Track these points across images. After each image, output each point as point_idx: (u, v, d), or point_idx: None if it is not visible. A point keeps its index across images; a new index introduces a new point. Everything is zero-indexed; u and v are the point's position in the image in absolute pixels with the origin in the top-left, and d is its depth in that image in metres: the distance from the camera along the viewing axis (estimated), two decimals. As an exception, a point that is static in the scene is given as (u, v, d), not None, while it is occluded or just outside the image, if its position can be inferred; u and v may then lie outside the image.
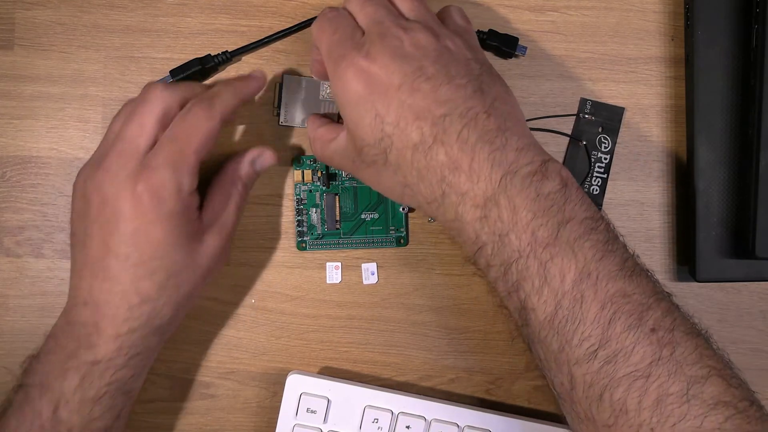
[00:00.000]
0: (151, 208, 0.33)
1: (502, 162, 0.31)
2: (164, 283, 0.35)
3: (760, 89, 0.39)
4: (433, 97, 0.32)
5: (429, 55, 0.33)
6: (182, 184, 0.34)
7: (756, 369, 0.43)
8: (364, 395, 0.41)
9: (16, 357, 0.43)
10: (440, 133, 0.32)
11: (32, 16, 0.42)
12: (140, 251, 0.34)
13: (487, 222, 0.31)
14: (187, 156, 0.34)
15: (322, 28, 0.36)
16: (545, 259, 0.30)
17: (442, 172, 0.32)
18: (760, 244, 0.39)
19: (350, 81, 0.33)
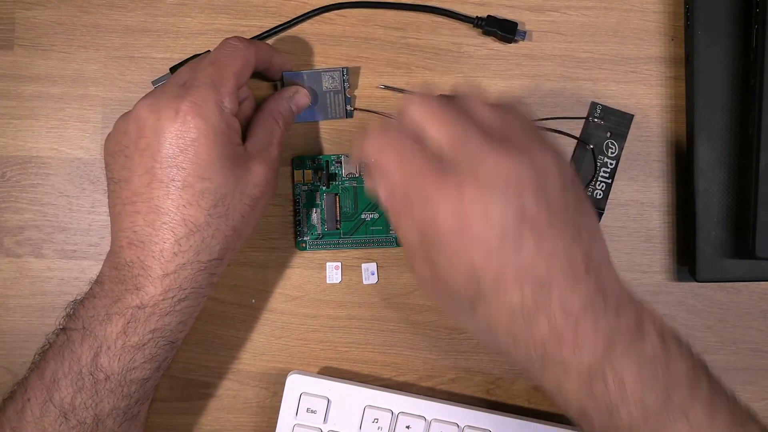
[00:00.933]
0: (195, 126, 0.33)
1: (604, 328, 0.29)
2: (212, 210, 0.33)
3: (760, 89, 0.39)
4: (536, 251, 0.28)
5: (529, 186, 0.29)
6: (223, 101, 0.34)
7: (756, 369, 0.43)
8: (364, 395, 0.41)
9: (16, 357, 0.43)
10: (542, 299, 0.28)
11: (32, 16, 0.42)
12: (186, 172, 0.33)
13: (593, 395, 0.29)
14: (226, 77, 0.34)
15: (384, 151, 0.31)
16: (658, 428, 0.29)
17: (543, 343, 0.29)
18: (760, 244, 0.39)
19: (440, 223, 0.29)
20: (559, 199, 0.29)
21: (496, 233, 0.28)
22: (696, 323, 0.43)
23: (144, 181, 0.33)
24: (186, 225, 0.33)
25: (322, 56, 0.43)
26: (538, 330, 0.29)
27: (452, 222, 0.29)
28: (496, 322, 0.30)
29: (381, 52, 0.43)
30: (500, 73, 0.43)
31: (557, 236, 0.29)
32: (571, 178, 0.31)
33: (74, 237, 0.43)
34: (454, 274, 0.30)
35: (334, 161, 0.42)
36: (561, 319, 0.28)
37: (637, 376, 0.28)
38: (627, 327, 0.29)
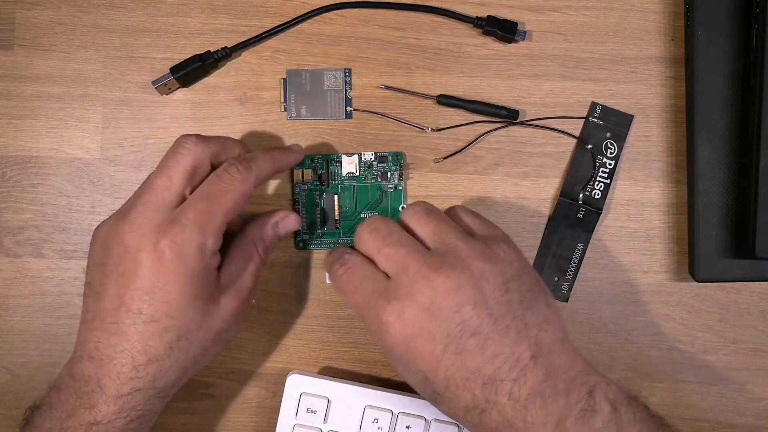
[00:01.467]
0: (172, 265, 0.32)
1: (553, 411, 0.31)
2: (174, 344, 0.33)
3: (760, 89, 0.39)
4: (481, 356, 0.31)
5: (468, 298, 0.32)
6: (206, 244, 0.33)
7: (756, 369, 0.43)
8: (364, 395, 0.41)
9: (16, 357, 0.43)
10: (492, 395, 0.31)
11: (32, 16, 0.42)
12: (154, 308, 0.33)
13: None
14: (216, 216, 0.34)
15: (340, 285, 0.35)
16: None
17: (499, 430, 0.31)
18: (760, 244, 0.39)
19: (391, 346, 0.32)
20: (501, 302, 0.32)
21: (438, 346, 0.31)
22: (696, 323, 0.43)
23: (114, 304, 0.33)
24: (146, 354, 0.33)
25: (322, 56, 0.43)
26: (490, 419, 0.31)
27: (399, 341, 0.32)
28: (454, 414, 0.33)
29: (381, 52, 0.43)
30: (500, 73, 0.43)
31: (501, 337, 0.31)
32: (511, 279, 0.33)
33: (74, 237, 0.43)
34: (412, 380, 0.34)
35: (334, 161, 0.42)
36: (510, 410, 0.31)
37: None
38: (577, 404, 0.31)
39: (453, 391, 0.32)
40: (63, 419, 0.33)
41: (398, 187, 0.42)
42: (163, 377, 0.34)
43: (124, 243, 0.33)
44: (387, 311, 0.32)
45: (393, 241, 0.34)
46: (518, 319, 0.32)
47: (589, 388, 0.31)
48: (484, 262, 0.33)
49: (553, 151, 0.43)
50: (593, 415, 0.31)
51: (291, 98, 0.42)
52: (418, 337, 0.32)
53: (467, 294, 0.32)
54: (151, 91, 0.42)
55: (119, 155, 0.43)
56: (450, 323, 0.31)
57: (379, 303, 0.32)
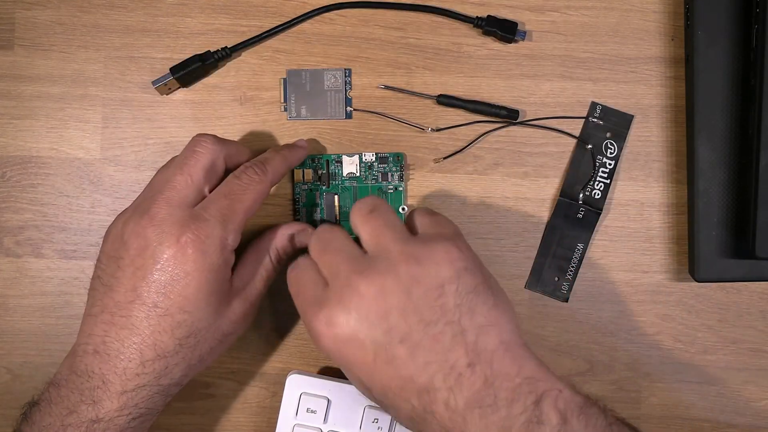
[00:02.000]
0: (193, 258, 0.33)
1: (494, 422, 0.29)
2: (183, 341, 0.34)
3: (760, 89, 0.39)
4: (412, 364, 0.30)
5: (395, 304, 0.31)
6: (227, 239, 0.34)
7: (756, 369, 0.43)
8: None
9: (16, 357, 0.43)
10: (429, 404, 0.30)
11: (32, 16, 0.42)
12: (170, 301, 0.33)
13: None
14: (237, 213, 0.34)
15: (289, 285, 0.35)
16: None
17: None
18: (760, 244, 0.39)
19: (326, 353, 0.32)
20: (432, 307, 0.31)
21: (369, 354, 0.31)
22: (696, 323, 0.43)
23: (128, 297, 0.33)
24: (155, 349, 0.33)
25: (322, 56, 0.43)
26: (432, 429, 0.30)
27: (332, 348, 0.32)
28: (402, 424, 0.33)
29: (381, 52, 0.43)
30: (500, 73, 0.43)
31: (432, 344, 0.30)
32: (448, 281, 0.31)
33: (74, 237, 0.43)
34: (357, 386, 0.33)
35: (335, 161, 0.42)
36: (448, 419, 0.30)
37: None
38: (522, 414, 0.29)
39: (392, 400, 0.31)
40: (63, 416, 0.33)
41: (398, 188, 0.42)
42: (168, 374, 0.34)
43: (144, 237, 0.33)
44: (318, 318, 0.32)
45: (332, 248, 0.34)
46: (453, 324, 0.30)
47: (536, 397, 0.29)
48: (414, 265, 0.31)
49: (553, 151, 0.43)
50: (539, 427, 0.29)
51: (291, 98, 0.42)
52: (349, 344, 0.31)
53: (394, 300, 0.31)
54: (151, 91, 0.42)
55: (119, 155, 0.43)
56: (377, 330, 0.31)
57: (313, 310, 0.32)
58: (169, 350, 0.33)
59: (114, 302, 0.33)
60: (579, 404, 0.30)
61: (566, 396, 0.30)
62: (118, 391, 0.33)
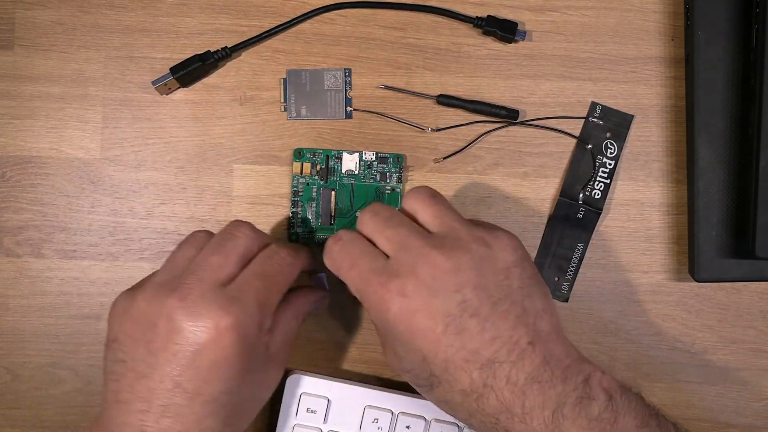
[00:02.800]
0: (232, 344, 0.31)
1: (551, 397, 0.31)
2: (227, 420, 0.32)
3: (760, 89, 0.38)
4: (480, 337, 0.31)
5: (469, 279, 0.32)
6: (264, 322, 0.33)
7: (756, 369, 0.43)
8: (364, 395, 0.41)
9: (16, 357, 0.43)
10: (490, 378, 0.31)
11: (32, 16, 0.42)
12: (213, 388, 0.31)
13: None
14: (273, 295, 0.34)
15: (336, 261, 0.34)
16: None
17: (496, 416, 0.31)
18: (760, 244, 0.39)
19: (392, 322, 0.32)
20: (500, 286, 0.32)
21: (439, 325, 0.31)
22: (696, 323, 0.43)
23: (167, 385, 0.31)
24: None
25: (322, 56, 0.43)
26: (488, 404, 0.31)
27: (400, 318, 0.31)
28: (451, 400, 0.32)
29: (381, 52, 0.43)
30: (500, 73, 0.43)
31: (499, 321, 0.31)
32: (513, 265, 0.33)
33: (74, 237, 0.43)
34: (410, 362, 0.33)
35: (334, 156, 0.42)
36: (509, 395, 0.31)
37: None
38: (574, 391, 0.31)
39: (451, 373, 0.31)
40: None
41: (396, 189, 0.42)
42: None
43: (175, 319, 0.31)
44: (388, 288, 0.32)
45: (394, 223, 0.34)
46: (517, 305, 0.32)
47: (584, 377, 0.31)
48: (484, 246, 0.33)
49: (553, 151, 0.43)
50: (589, 402, 0.31)
51: (291, 98, 0.42)
52: (419, 313, 0.31)
53: (468, 275, 0.32)
54: (151, 91, 0.42)
55: (119, 155, 0.43)
56: (450, 302, 0.31)
57: (380, 279, 0.32)
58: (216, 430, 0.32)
59: (149, 390, 0.31)
60: (619, 385, 0.32)
61: (608, 378, 0.32)
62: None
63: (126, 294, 0.34)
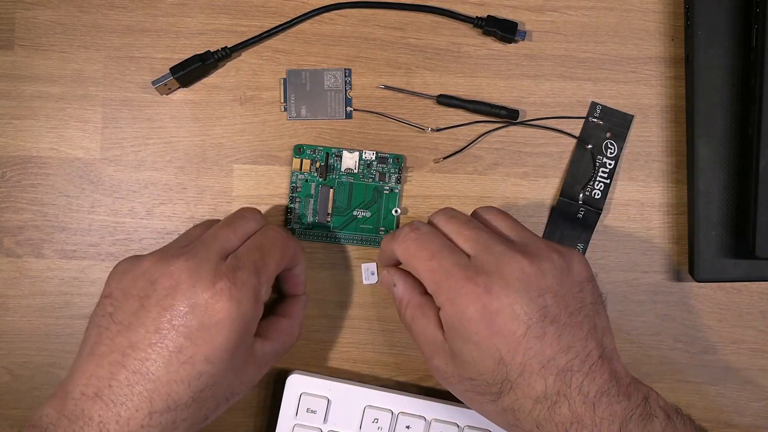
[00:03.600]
0: (226, 307, 0.31)
1: (617, 412, 0.31)
2: (197, 394, 0.31)
3: (760, 89, 0.39)
4: (557, 344, 0.31)
5: (550, 286, 0.32)
6: (260, 291, 0.33)
7: (756, 369, 0.43)
8: (364, 395, 0.41)
9: (16, 357, 0.43)
10: (564, 387, 0.31)
11: (32, 16, 0.42)
12: (196, 348, 0.31)
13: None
14: (269, 264, 0.34)
15: (412, 249, 0.34)
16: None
17: (566, 427, 0.31)
18: (760, 244, 0.39)
19: (472, 320, 0.31)
20: (576, 300, 0.33)
21: (521, 327, 0.31)
22: (696, 323, 0.43)
23: (150, 338, 0.30)
24: (167, 400, 0.30)
25: (322, 56, 0.43)
26: (559, 414, 0.31)
27: (481, 316, 0.31)
28: (520, 408, 0.32)
29: (381, 52, 0.43)
30: (500, 73, 0.43)
31: (575, 331, 0.32)
32: (586, 280, 0.34)
33: (74, 237, 0.43)
34: (481, 365, 0.32)
35: (334, 154, 0.42)
36: (580, 405, 0.31)
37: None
38: (637, 408, 0.31)
39: (527, 378, 0.31)
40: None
41: (394, 190, 0.42)
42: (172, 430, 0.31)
43: (177, 278, 0.31)
44: (475, 281, 0.32)
45: (474, 225, 0.35)
46: (589, 319, 0.33)
47: (644, 395, 0.32)
48: (562, 259, 0.33)
49: (553, 151, 0.43)
50: (651, 420, 0.31)
51: (291, 98, 0.42)
52: (503, 313, 0.31)
53: (550, 282, 0.32)
54: (151, 91, 0.42)
55: (119, 155, 0.43)
56: (533, 306, 0.31)
57: (466, 274, 0.32)
58: (182, 403, 0.31)
59: (130, 343, 0.31)
60: (675, 407, 0.33)
61: (663, 399, 0.33)
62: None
63: (131, 257, 0.34)
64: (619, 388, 0.32)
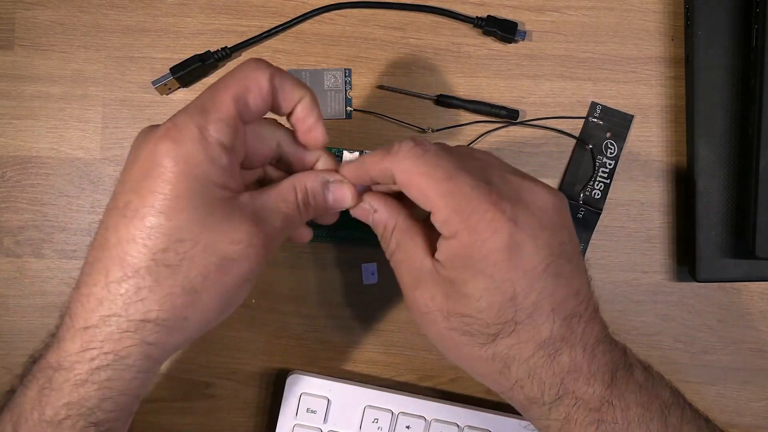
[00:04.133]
0: (165, 149, 0.27)
1: (609, 361, 0.30)
2: (159, 255, 0.27)
3: (760, 89, 0.39)
4: (569, 287, 0.29)
5: (568, 221, 0.30)
6: (207, 127, 0.27)
7: (756, 369, 0.43)
8: (364, 395, 0.41)
9: (16, 357, 0.43)
10: (568, 333, 0.29)
11: (32, 16, 0.42)
12: (140, 200, 0.27)
13: (603, 425, 0.29)
14: (221, 100, 0.28)
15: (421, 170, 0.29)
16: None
17: (562, 376, 0.29)
18: (760, 244, 0.39)
19: (493, 250, 0.28)
20: (576, 242, 0.31)
21: (542, 262, 0.28)
22: (696, 323, 0.43)
23: (108, 205, 0.28)
24: (122, 266, 0.27)
25: (322, 56, 0.43)
26: (559, 362, 0.29)
27: (504, 246, 0.28)
28: (518, 353, 0.29)
29: (381, 52, 0.43)
30: (500, 73, 0.43)
31: (582, 275, 0.30)
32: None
33: (74, 237, 0.43)
34: (488, 301, 0.29)
35: (335, 154, 0.42)
36: (580, 354, 0.29)
37: (637, 400, 0.30)
38: (621, 359, 0.31)
39: (535, 320, 0.29)
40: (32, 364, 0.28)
41: None
42: (139, 302, 0.27)
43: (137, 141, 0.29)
44: (501, 208, 0.28)
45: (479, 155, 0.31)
46: (582, 261, 0.31)
47: (623, 346, 0.32)
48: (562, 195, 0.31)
49: (553, 151, 0.43)
50: (633, 371, 0.30)
51: (291, 98, 0.42)
52: (527, 245, 0.28)
53: (566, 216, 0.30)
54: (151, 91, 0.42)
55: (119, 155, 0.43)
56: (555, 240, 0.29)
57: (489, 199, 0.28)
58: (140, 266, 0.27)
59: (108, 210, 0.28)
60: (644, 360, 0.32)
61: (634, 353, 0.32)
62: (80, 326, 0.27)
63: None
64: (608, 339, 0.31)
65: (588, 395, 0.29)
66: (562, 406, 0.30)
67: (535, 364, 0.29)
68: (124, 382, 0.28)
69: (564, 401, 0.30)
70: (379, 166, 0.30)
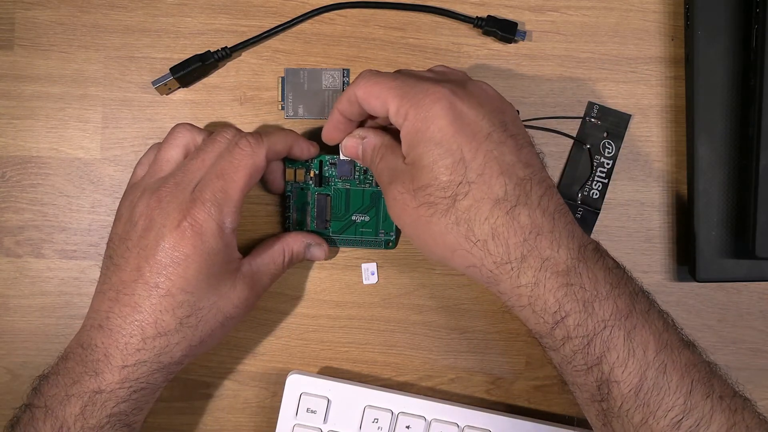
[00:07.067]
0: (191, 243, 0.34)
1: (576, 234, 0.32)
2: (184, 320, 0.34)
3: (760, 89, 0.39)
4: (517, 155, 0.32)
5: (508, 110, 0.34)
6: (224, 222, 0.35)
7: (756, 369, 0.43)
8: (364, 395, 0.41)
9: (16, 357, 0.43)
10: (523, 196, 0.32)
11: (32, 16, 0.42)
12: (171, 282, 0.34)
13: (571, 290, 0.31)
14: (232, 194, 0.35)
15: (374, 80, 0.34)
16: (629, 328, 0.31)
17: (524, 234, 0.31)
18: (760, 244, 0.39)
19: (437, 117, 0.32)
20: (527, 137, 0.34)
21: (484, 129, 0.32)
22: (696, 323, 0.43)
23: (132, 276, 0.34)
24: (156, 327, 0.34)
25: (322, 56, 0.43)
26: (519, 220, 0.31)
27: (446, 112, 0.32)
28: (475, 212, 0.32)
29: (381, 52, 0.43)
30: (500, 73, 0.43)
31: (533, 154, 0.33)
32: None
33: (74, 237, 0.43)
34: (441, 165, 0.32)
35: (328, 162, 0.42)
36: (540, 215, 0.32)
37: (607, 278, 0.31)
38: (591, 241, 0.33)
39: (486, 180, 0.32)
40: (68, 386, 0.34)
41: None
42: (168, 353, 0.35)
43: (150, 218, 0.34)
44: (440, 84, 0.33)
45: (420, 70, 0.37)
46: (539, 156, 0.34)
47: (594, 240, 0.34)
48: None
49: (552, 151, 0.43)
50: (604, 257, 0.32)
51: (288, 97, 0.42)
52: (468, 115, 0.32)
53: (507, 107, 0.34)
54: (151, 91, 0.42)
55: (119, 155, 0.43)
56: (495, 117, 0.33)
57: (431, 80, 0.34)
58: (171, 329, 0.34)
59: (120, 281, 0.34)
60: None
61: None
62: (119, 365, 0.34)
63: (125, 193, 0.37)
64: (573, 218, 0.33)
65: (554, 258, 0.31)
66: (530, 269, 0.31)
67: (495, 222, 0.31)
68: (152, 395, 0.36)
69: (530, 262, 0.31)
70: (348, 94, 0.36)
